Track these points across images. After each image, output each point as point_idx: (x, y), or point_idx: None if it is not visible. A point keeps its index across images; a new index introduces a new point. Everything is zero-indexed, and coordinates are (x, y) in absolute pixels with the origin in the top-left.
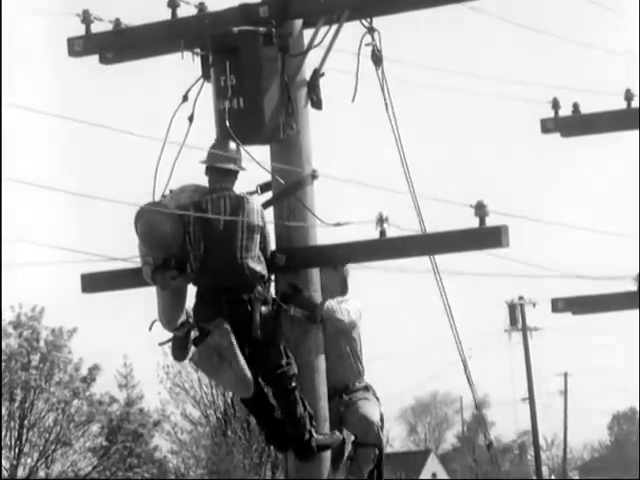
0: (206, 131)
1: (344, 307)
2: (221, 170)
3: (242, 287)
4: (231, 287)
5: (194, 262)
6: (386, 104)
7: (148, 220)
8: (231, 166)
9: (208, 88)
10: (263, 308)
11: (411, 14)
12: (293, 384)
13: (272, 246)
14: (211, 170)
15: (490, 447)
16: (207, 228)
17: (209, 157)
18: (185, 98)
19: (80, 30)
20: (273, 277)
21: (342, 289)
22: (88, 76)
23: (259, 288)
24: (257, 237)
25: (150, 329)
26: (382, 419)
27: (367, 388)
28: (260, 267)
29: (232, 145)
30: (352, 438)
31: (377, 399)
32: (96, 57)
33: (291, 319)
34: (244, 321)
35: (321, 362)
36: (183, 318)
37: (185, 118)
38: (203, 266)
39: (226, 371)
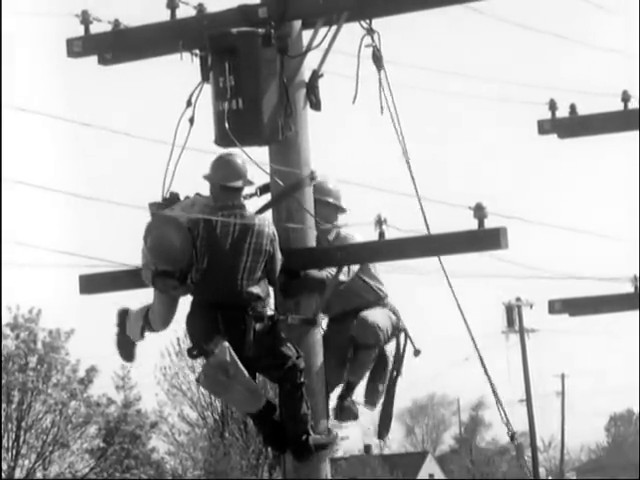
0: (204, 132)
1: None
2: (228, 188)
3: (237, 305)
4: (226, 304)
5: (195, 274)
6: (384, 106)
7: (158, 235)
8: (239, 184)
9: (207, 89)
10: (257, 325)
11: (409, 16)
12: (302, 379)
13: (278, 268)
14: (217, 187)
15: (514, 438)
16: (213, 245)
17: (214, 171)
18: (189, 103)
19: (79, 31)
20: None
21: None
22: (87, 77)
23: (254, 304)
24: (263, 261)
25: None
26: (399, 329)
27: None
28: (259, 290)
29: (238, 159)
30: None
31: (394, 312)
32: (95, 58)
33: (289, 325)
34: (238, 339)
35: (318, 362)
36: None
37: (184, 119)
38: (203, 280)
39: (235, 387)
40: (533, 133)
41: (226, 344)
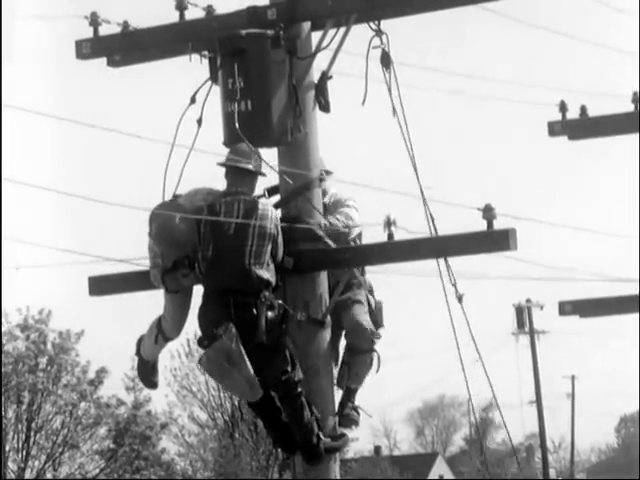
0: (214, 134)
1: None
2: (239, 173)
3: (248, 291)
4: (237, 290)
5: (202, 263)
6: (392, 107)
7: (163, 220)
8: (249, 166)
9: (216, 90)
10: (269, 313)
11: (418, 16)
12: (299, 390)
13: (281, 253)
14: (230, 173)
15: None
16: (218, 231)
17: (228, 158)
18: (193, 100)
19: (88, 33)
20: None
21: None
22: (96, 78)
23: (265, 293)
24: (268, 244)
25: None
26: (379, 309)
27: (360, 285)
28: (268, 274)
29: (245, 147)
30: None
31: (370, 294)
32: (104, 60)
33: (298, 323)
34: (249, 325)
35: (328, 364)
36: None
37: (193, 120)
38: (210, 268)
39: (234, 376)
40: (543, 134)
41: (234, 331)
